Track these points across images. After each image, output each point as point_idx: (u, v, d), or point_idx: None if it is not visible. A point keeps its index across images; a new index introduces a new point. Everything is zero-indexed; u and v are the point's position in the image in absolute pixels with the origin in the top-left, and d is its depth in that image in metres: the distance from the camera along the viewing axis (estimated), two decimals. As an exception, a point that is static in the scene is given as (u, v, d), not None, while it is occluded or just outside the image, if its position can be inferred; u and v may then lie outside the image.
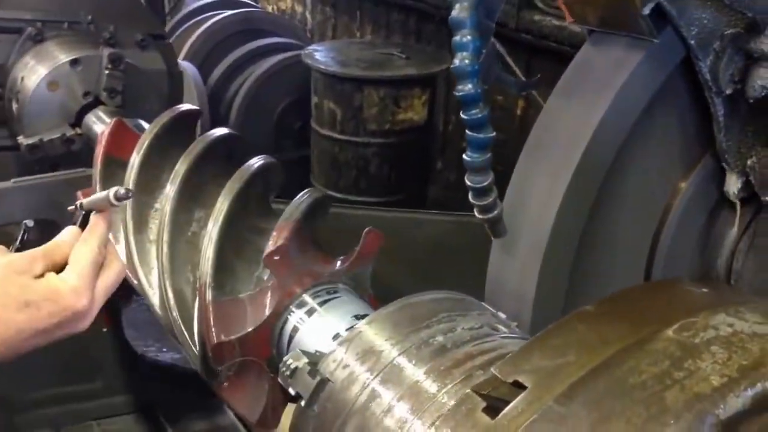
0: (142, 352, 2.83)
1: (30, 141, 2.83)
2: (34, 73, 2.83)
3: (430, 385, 1.04)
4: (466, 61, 1.28)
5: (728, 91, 1.48)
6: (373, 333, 1.16)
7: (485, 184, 1.35)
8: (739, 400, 0.79)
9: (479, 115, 1.31)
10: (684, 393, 0.79)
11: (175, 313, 1.60)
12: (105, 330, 2.51)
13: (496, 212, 1.39)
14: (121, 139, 1.98)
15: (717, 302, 0.96)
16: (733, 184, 1.59)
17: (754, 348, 0.82)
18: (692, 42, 1.41)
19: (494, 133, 1.33)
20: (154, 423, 2.62)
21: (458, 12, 1.28)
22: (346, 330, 1.32)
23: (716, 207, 1.66)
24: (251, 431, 2.34)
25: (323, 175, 4.30)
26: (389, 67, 4.18)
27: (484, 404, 0.89)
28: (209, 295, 1.48)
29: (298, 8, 5.87)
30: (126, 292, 1.79)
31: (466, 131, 1.32)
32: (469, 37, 1.28)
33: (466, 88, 1.29)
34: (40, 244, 1.21)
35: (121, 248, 1.82)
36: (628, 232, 1.61)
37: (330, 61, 4.23)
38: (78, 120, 2.89)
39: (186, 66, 4.02)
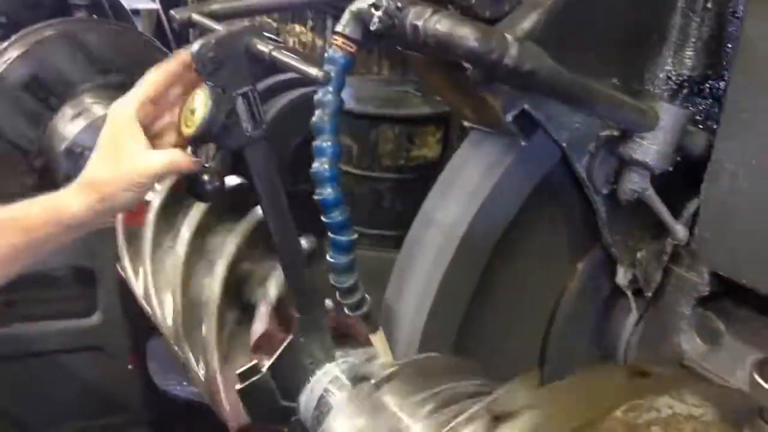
0: (164, 386, 2.94)
1: None
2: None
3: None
4: (326, 166, 1.37)
5: (605, 191, 1.51)
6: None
7: (351, 283, 1.43)
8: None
9: (340, 218, 1.38)
10: (624, 470, 0.88)
11: (186, 348, 1.72)
12: (130, 367, 2.70)
13: (365, 309, 1.46)
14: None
15: (666, 385, 1.03)
16: (622, 277, 1.61)
17: (687, 428, 0.92)
18: (564, 144, 1.45)
19: (356, 235, 1.41)
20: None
21: (319, 118, 1.37)
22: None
23: (612, 296, 1.68)
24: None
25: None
26: (404, 104, 4.26)
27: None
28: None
29: (319, 42, 5.96)
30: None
31: (329, 233, 1.40)
32: (329, 143, 1.37)
33: (326, 192, 1.37)
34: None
35: (140, 281, 1.95)
36: (520, 316, 1.65)
37: (346, 97, 4.33)
38: None
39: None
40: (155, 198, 2.00)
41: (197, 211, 1.85)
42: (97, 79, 2.88)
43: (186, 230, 1.85)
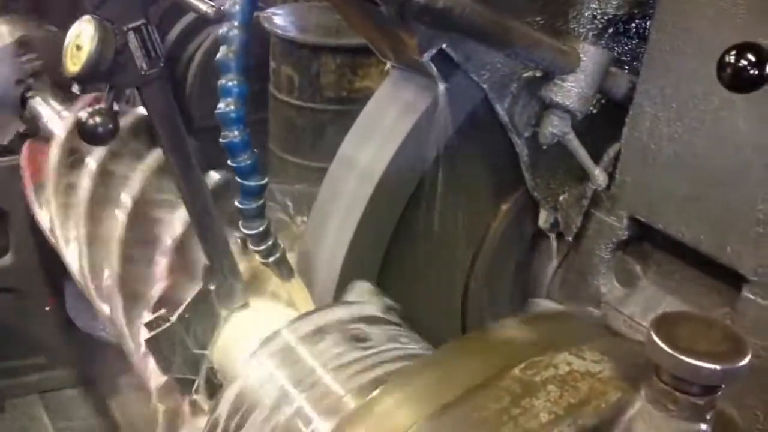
0: (87, 329, 2.84)
1: None
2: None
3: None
4: (231, 107, 1.29)
5: (526, 134, 1.47)
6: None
7: (262, 229, 1.38)
8: (561, 434, 0.85)
9: (248, 162, 1.32)
10: (516, 429, 0.86)
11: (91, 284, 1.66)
12: (48, 308, 2.63)
13: (278, 255, 1.41)
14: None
15: (568, 340, 1.00)
16: (544, 220, 1.59)
17: (583, 386, 0.89)
18: (485, 85, 1.40)
19: (266, 180, 1.35)
20: (96, 396, 2.73)
21: (224, 55, 1.28)
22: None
23: (534, 239, 1.66)
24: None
25: (281, 139, 4.33)
26: (348, 34, 4.13)
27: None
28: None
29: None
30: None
31: (237, 178, 1.33)
32: (235, 82, 1.29)
33: (231, 135, 1.30)
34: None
35: (45, 214, 1.87)
36: (440, 259, 1.63)
37: (288, 25, 4.19)
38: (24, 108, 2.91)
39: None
40: (60, 130, 1.90)
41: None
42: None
43: (92, 160, 1.76)
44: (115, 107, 1.17)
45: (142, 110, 1.65)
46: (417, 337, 1.34)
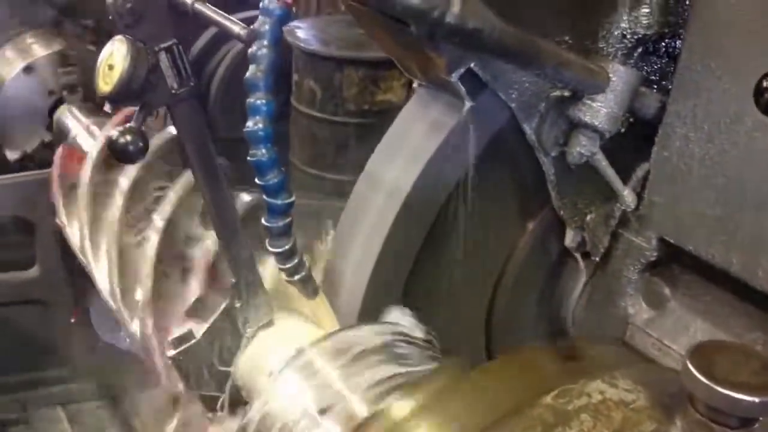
0: (110, 340, 2.87)
1: (15, 155, 2.91)
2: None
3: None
4: (260, 125, 1.29)
5: (554, 154, 1.46)
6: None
7: (288, 247, 1.38)
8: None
9: (275, 180, 1.32)
10: (549, 458, 0.85)
11: (121, 306, 1.67)
12: (73, 320, 2.65)
13: (303, 273, 1.41)
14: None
15: (598, 368, 1.00)
16: (570, 240, 1.58)
17: (617, 416, 0.88)
18: (513, 105, 1.39)
19: (293, 198, 1.35)
20: (119, 409, 2.73)
21: (253, 74, 1.29)
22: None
23: (561, 259, 1.65)
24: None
25: (302, 151, 4.34)
26: (370, 47, 4.14)
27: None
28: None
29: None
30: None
31: (264, 197, 1.34)
32: (263, 101, 1.29)
33: (259, 153, 1.30)
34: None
35: (75, 230, 1.88)
36: (465, 278, 1.62)
37: (311, 39, 4.21)
38: (51, 120, 2.96)
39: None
40: (93, 148, 1.92)
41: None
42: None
43: (124, 180, 1.77)
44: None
45: (173, 130, 1.66)
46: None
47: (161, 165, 1.77)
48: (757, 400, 0.77)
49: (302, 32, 4.40)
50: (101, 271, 1.74)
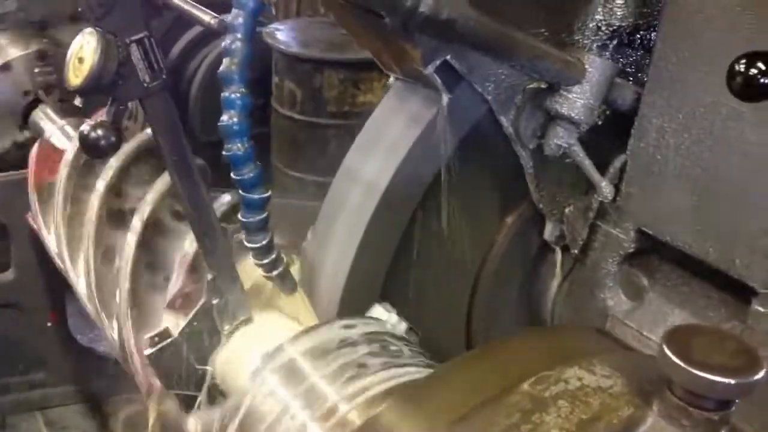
0: (87, 343, 2.85)
1: None
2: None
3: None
4: (235, 119, 1.28)
5: (531, 146, 1.46)
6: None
7: (265, 243, 1.36)
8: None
9: (251, 175, 1.31)
10: (526, 445, 0.84)
11: (99, 308, 1.64)
12: (49, 324, 2.61)
13: (281, 269, 1.40)
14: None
15: (578, 354, 0.99)
16: (549, 233, 1.58)
17: (594, 402, 0.88)
18: (489, 97, 1.39)
19: (269, 193, 1.34)
20: (97, 412, 2.71)
21: (227, 67, 1.27)
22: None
23: (540, 252, 1.65)
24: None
25: (283, 154, 4.32)
26: (350, 49, 4.14)
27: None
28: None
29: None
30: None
31: (240, 191, 1.32)
32: (238, 95, 1.28)
33: (235, 147, 1.28)
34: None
35: (51, 233, 1.84)
36: (445, 273, 1.61)
37: (291, 41, 4.20)
38: (25, 121, 2.91)
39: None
40: (69, 149, 1.89)
41: (116, 160, 1.74)
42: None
43: (101, 181, 1.75)
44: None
45: (149, 132, 1.64)
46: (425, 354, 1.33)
47: (139, 166, 1.75)
48: (733, 381, 0.77)
49: (282, 34, 4.39)
50: (79, 275, 1.72)
